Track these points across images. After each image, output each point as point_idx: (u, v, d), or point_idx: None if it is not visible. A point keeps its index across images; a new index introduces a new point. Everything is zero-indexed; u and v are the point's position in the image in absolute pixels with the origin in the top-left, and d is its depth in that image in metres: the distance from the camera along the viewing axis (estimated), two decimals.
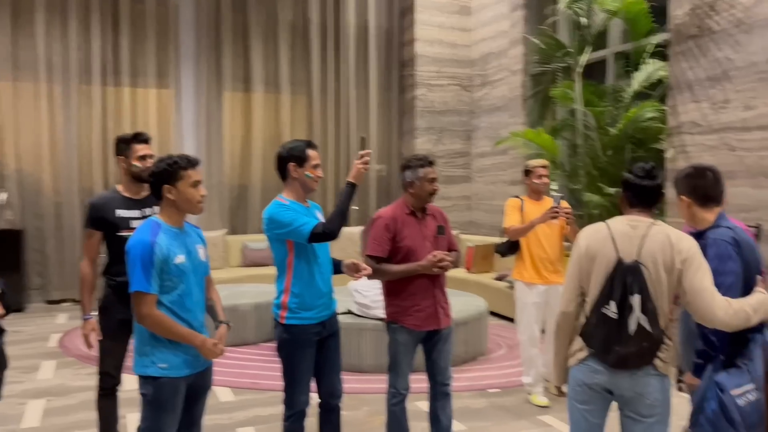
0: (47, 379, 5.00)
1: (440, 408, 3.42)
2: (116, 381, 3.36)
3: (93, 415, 4.10)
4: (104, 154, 8.02)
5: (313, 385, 3.11)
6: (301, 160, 2.99)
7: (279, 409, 4.35)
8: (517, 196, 4.57)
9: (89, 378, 4.90)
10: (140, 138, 3.32)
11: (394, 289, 3.34)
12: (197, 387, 2.65)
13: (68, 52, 7.80)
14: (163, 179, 2.54)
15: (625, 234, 2.40)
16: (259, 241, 8.18)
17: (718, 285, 2.33)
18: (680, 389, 4.70)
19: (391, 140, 9.35)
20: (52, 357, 5.62)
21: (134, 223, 3.26)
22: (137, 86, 8.16)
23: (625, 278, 2.32)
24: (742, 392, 2.34)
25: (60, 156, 7.85)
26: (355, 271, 3.01)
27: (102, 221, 3.21)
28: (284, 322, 2.99)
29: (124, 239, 3.21)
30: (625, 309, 2.32)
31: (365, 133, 9.01)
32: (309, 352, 3.01)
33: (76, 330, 6.56)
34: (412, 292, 3.29)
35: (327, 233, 2.89)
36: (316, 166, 3.02)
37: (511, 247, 4.52)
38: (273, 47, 8.70)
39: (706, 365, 2.48)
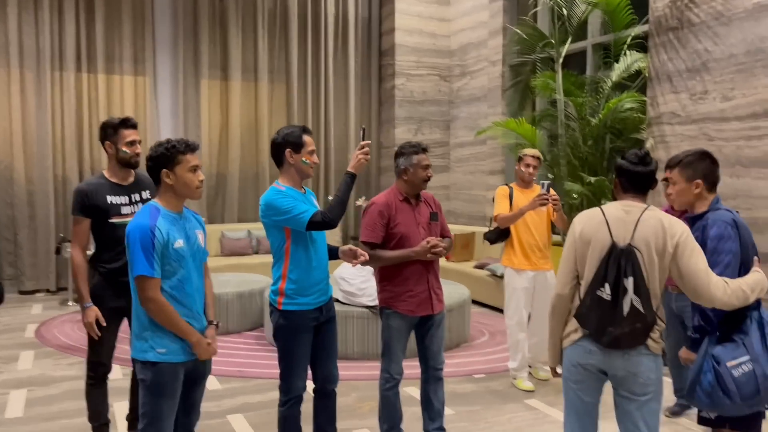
0: (27, 370, 4.91)
1: (432, 392, 3.46)
2: (107, 369, 3.32)
3: (77, 405, 4.07)
4: (78, 141, 7.87)
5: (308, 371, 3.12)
6: (297, 146, 2.98)
7: (267, 396, 4.38)
8: (506, 184, 4.64)
9: (70, 368, 4.82)
10: (128, 123, 3.26)
11: (387, 275, 3.36)
12: (196, 373, 2.64)
13: (41, 37, 7.61)
14: (161, 163, 2.51)
15: (619, 219, 2.46)
16: (237, 231, 8.12)
17: (717, 263, 2.42)
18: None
19: (370, 130, 9.35)
20: (30, 347, 5.51)
21: (124, 210, 3.22)
22: (112, 73, 8.01)
23: (619, 261, 2.37)
24: (737, 363, 2.44)
25: (33, 144, 7.67)
26: (352, 257, 3.01)
27: (93, 208, 3.16)
28: (281, 308, 2.98)
29: (115, 226, 3.19)
30: (618, 291, 2.36)
31: (360, 125, 9.00)
32: (306, 337, 3.01)
33: (53, 320, 6.44)
34: (406, 278, 3.31)
35: (326, 222, 2.89)
36: (312, 152, 3.02)
37: (500, 235, 4.57)
38: (252, 35, 8.61)
39: (702, 340, 2.58)
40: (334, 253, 3.12)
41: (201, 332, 2.61)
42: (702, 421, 2.82)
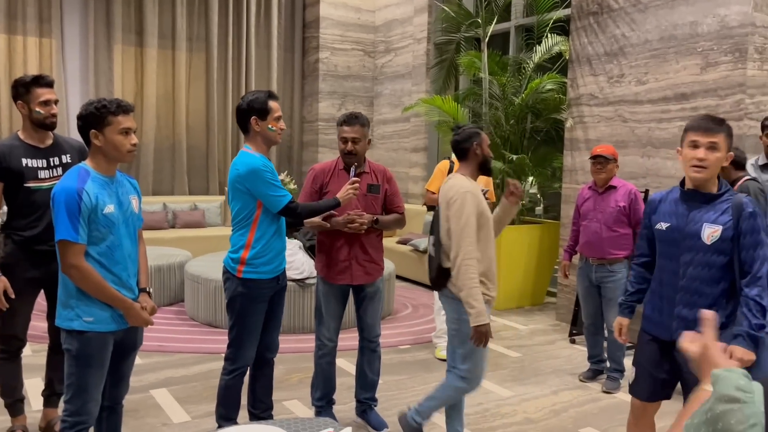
0: None
1: (366, 364, 3.50)
2: (22, 344, 3.13)
3: None
4: None
5: None
6: (263, 112, 2.90)
7: (191, 371, 4.28)
8: (448, 158, 4.70)
9: None
10: (42, 81, 3.03)
11: (319, 242, 3.41)
12: (126, 343, 2.53)
13: None
14: (90, 124, 2.36)
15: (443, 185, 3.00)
16: (152, 204, 7.81)
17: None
18: (573, 341, 5.04)
19: (293, 103, 9.20)
20: None
21: (42, 174, 3.02)
22: (15, 33, 7.43)
23: (433, 219, 3.01)
24: None
25: None
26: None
27: (6, 171, 2.94)
28: (242, 276, 2.94)
29: (31, 191, 2.99)
30: (429, 244, 3.04)
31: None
32: (261, 306, 3.01)
33: None
34: (329, 246, 3.34)
35: (298, 214, 2.96)
36: (278, 119, 2.94)
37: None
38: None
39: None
40: None
41: (133, 301, 2.50)
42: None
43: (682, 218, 2.44)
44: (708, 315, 1.06)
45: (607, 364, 4.29)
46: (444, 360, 4.66)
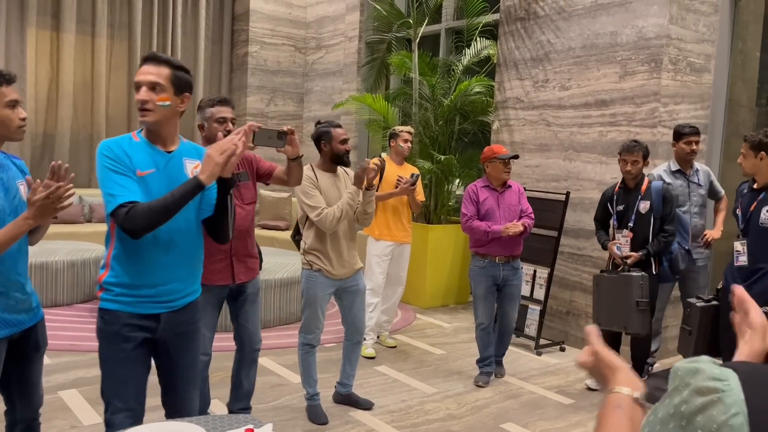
0: None
1: (245, 374, 3.25)
2: None
3: None
4: None
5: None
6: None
7: None
8: (379, 156, 4.78)
9: None
10: None
11: None
12: (25, 346, 2.27)
13: None
14: None
15: None
16: None
17: None
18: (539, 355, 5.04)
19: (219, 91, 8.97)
20: None
21: None
22: None
23: None
24: None
25: None
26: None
27: None
28: (98, 304, 2.63)
29: None
30: None
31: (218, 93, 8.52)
32: (123, 354, 2.17)
33: None
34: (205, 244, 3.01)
35: (128, 227, 2.01)
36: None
37: None
38: None
39: None
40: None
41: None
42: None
43: None
44: (589, 330, 1.06)
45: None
46: (370, 357, 4.65)
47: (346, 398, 3.79)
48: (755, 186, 3.49)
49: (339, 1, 8.28)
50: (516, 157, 4.20)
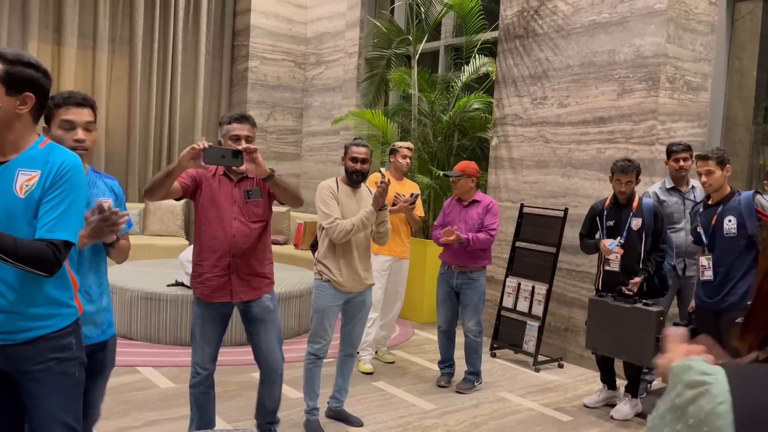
0: None
1: (266, 392, 3.21)
2: None
3: None
4: None
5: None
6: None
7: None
8: (379, 170, 4.83)
9: None
10: None
11: (194, 252, 3.03)
12: (90, 365, 2.14)
13: None
14: None
15: None
16: None
17: None
18: (494, 355, 5.14)
19: (220, 110, 9.01)
20: None
21: None
22: None
23: None
24: None
25: None
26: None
27: None
28: None
29: None
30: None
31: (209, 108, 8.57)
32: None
33: None
34: (203, 258, 2.96)
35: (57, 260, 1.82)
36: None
37: None
38: None
39: None
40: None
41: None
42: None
43: None
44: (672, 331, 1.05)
45: (465, 367, 4.49)
46: (368, 373, 4.64)
47: (337, 414, 3.79)
48: (710, 202, 3.67)
49: (339, 18, 8.35)
50: (459, 175, 4.33)
